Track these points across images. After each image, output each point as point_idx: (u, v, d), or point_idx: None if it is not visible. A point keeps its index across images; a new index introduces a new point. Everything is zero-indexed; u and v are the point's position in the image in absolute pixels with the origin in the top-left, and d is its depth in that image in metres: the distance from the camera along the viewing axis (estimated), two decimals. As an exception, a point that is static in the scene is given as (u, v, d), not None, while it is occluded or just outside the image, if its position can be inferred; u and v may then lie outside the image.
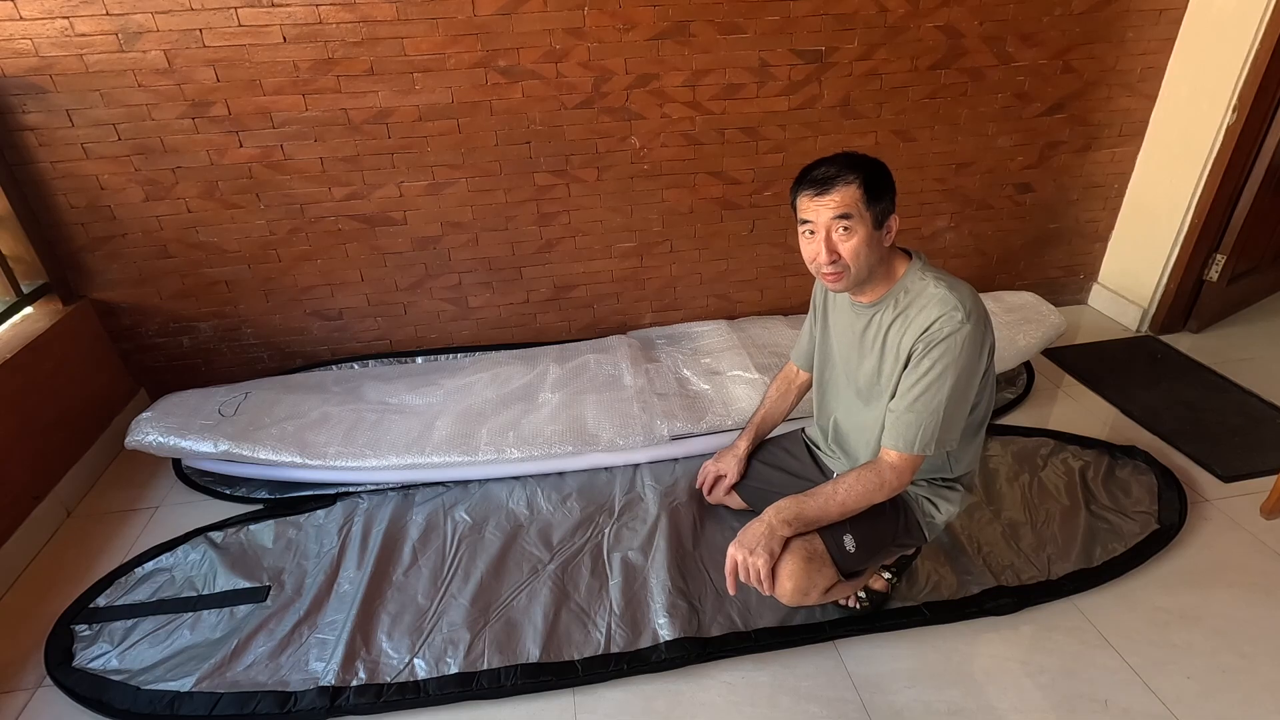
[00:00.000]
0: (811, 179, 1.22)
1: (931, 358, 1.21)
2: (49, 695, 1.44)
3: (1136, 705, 1.34)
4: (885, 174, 1.23)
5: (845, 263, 1.23)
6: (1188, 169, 2.43)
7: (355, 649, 1.47)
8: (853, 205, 1.19)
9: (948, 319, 1.20)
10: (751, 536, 1.28)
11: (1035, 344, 2.25)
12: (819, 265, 1.25)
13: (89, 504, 2.00)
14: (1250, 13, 2.16)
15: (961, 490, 1.44)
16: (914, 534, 1.42)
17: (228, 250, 2.26)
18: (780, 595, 1.30)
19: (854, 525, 1.33)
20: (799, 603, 1.32)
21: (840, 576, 1.35)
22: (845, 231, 1.21)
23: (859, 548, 1.33)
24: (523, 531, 1.78)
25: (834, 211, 1.20)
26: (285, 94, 2.06)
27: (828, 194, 1.20)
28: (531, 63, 2.12)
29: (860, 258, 1.22)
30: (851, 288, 1.29)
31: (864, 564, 1.38)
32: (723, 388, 2.11)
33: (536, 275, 2.49)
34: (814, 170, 1.23)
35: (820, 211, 1.21)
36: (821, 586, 1.31)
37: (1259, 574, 1.61)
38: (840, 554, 1.32)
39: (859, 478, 1.29)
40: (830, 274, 1.25)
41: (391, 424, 2.00)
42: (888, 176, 1.23)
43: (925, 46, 2.29)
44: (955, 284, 1.25)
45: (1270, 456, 1.97)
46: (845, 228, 1.20)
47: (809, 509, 1.29)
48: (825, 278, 1.26)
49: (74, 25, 1.89)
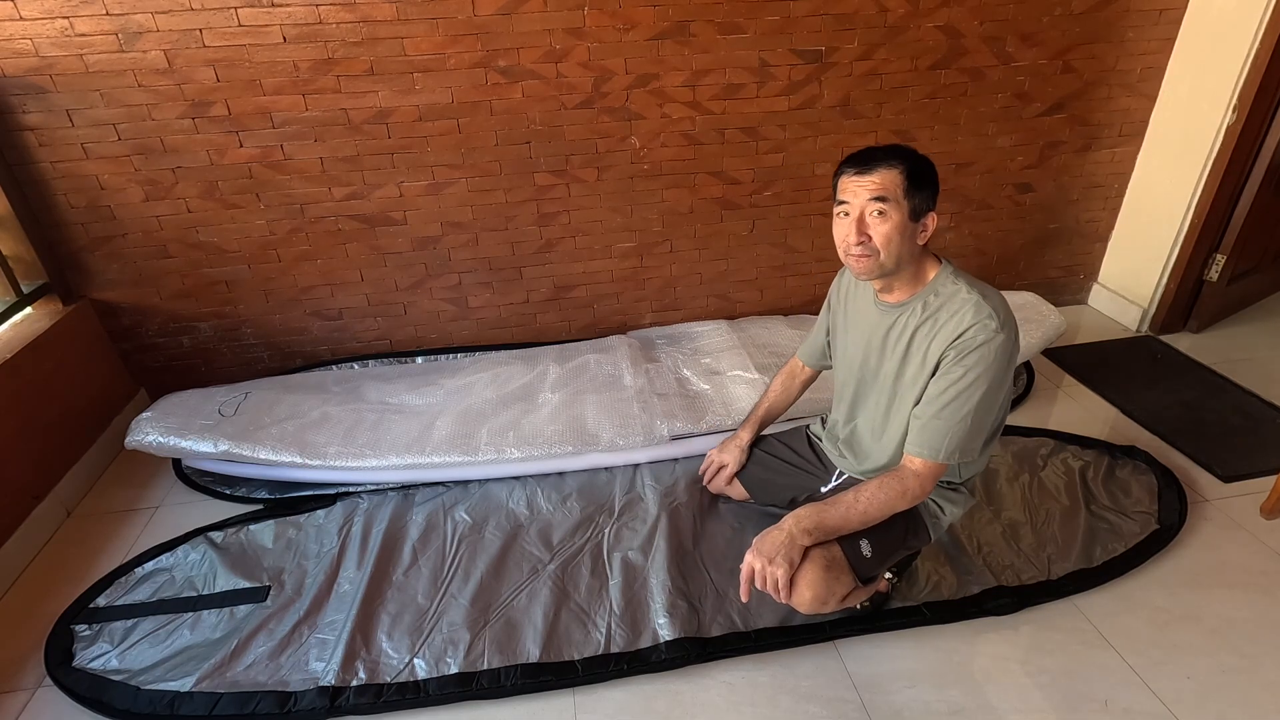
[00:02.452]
0: (856, 158, 1.22)
1: (964, 365, 1.20)
2: (49, 695, 1.44)
3: (1136, 705, 1.34)
4: (931, 169, 1.23)
5: (875, 246, 1.21)
6: (1188, 169, 2.43)
7: (355, 649, 1.46)
8: (891, 189, 1.19)
9: (981, 327, 1.19)
10: (771, 545, 1.25)
11: (1035, 344, 2.25)
12: (848, 246, 1.23)
13: (89, 504, 2.00)
14: (1250, 13, 2.16)
15: (965, 493, 1.45)
16: (920, 535, 1.42)
17: (228, 250, 2.26)
18: (799, 604, 1.30)
19: (869, 530, 1.33)
20: (816, 611, 1.31)
21: (858, 583, 1.35)
22: (880, 215, 1.20)
23: (874, 553, 1.33)
24: (523, 531, 1.78)
25: (871, 192, 1.19)
26: (285, 94, 2.06)
27: (869, 174, 1.19)
28: (531, 63, 2.12)
29: (891, 244, 1.21)
30: (876, 276, 1.27)
31: (878, 569, 1.39)
32: (723, 388, 2.11)
33: (536, 275, 2.49)
34: (861, 152, 1.23)
35: (858, 192, 1.21)
36: (840, 594, 1.31)
37: (1259, 574, 1.61)
38: (858, 560, 1.32)
39: (881, 486, 1.27)
40: (858, 254, 1.23)
41: (391, 424, 2.00)
42: (933, 172, 1.23)
43: (925, 46, 2.29)
44: (988, 292, 1.24)
45: (1270, 456, 1.97)
46: (880, 211, 1.19)
47: (830, 518, 1.27)
48: (851, 260, 1.25)
49: (74, 25, 1.89)
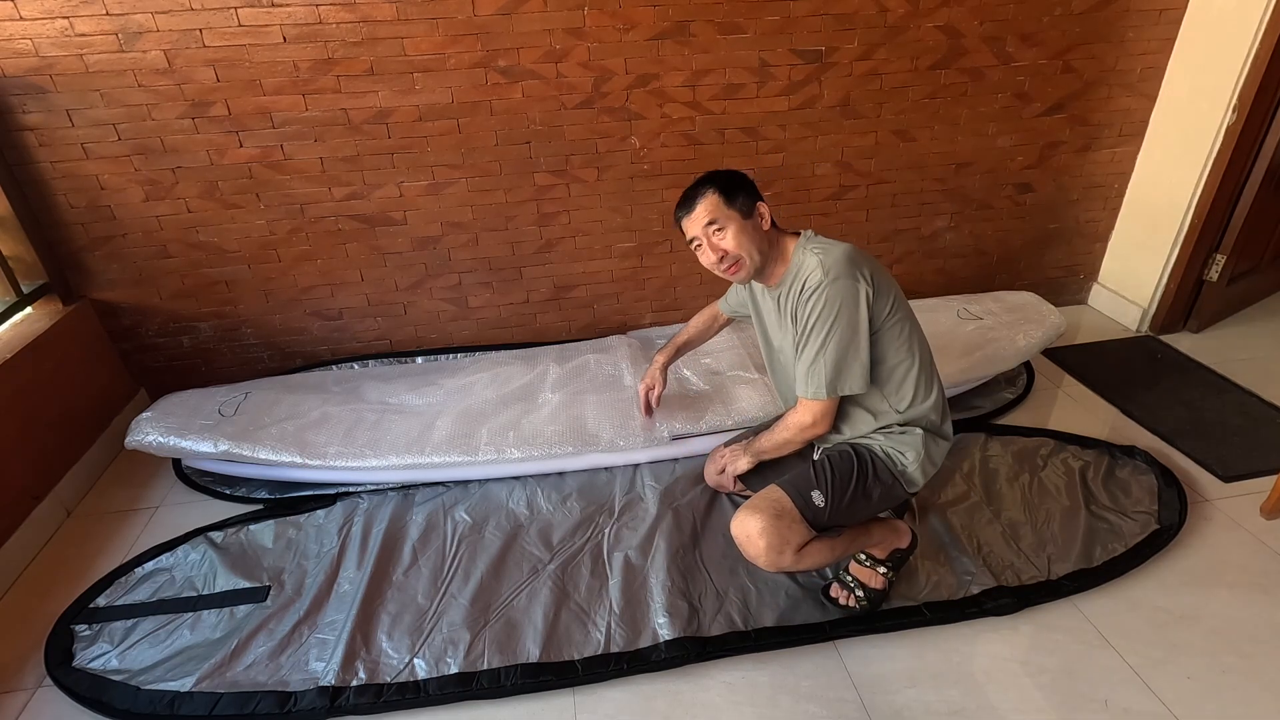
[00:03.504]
0: (680, 203, 1.45)
1: (804, 313, 1.39)
2: (49, 695, 1.44)
3: (1136, 705, 1.34)
4: (735, 176, 1.43)
5: (733, 254, 1.41)
6: (1188, 169, 2.43)
7: (355, 649, 1.47)
8: (715, 209, 1.40)
9: (811, 276, 1.37)
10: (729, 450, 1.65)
11: (1035, 344, 2.24)
12: (716, 266, 1.43)
13: (89, 504, 2.00)
14: (1250, 13, 2.16)
15: (921, 433, 1.47)
16: (888, 484, 1.47)
17: (228, 250, 2.26)
18: (755, 557, 1.37)
19: (819, 479, 1.43)
20: (776, 563, 1.37)
21: (812, 532, 1.40)
22: (719, 232, 1.41)
23: (829, 502, 1.41)
24: (523, 531, 1.78)
25: (704, 220, 1.41)
26: (285, 94, 2.06)
27: (694, 209, 1.42)
28: (531, 63, 2.12)
29: (742, 245, 1.41)
30: (754, 274, 1.46)
31: (840, 518, 1.44)
32: (723, 388, 2.11)
33: (536, 275, 2.49)
34: (682, 197, 1.45)
35: (695, 225, 1.43)
36: (795, 543, 1.37)
37: (1259, 574, 1.61)
38: (808, 508, 1.40)
39: (784, 423, 1.51)
40: (729, 268, 1.43)
41: (391, 424, 2.00)
42: (738, 177, 1.43)
43: (925, 46, 2.29)
44: (828, 247, 1.39)
45: (1270, 456, 1.97)
46: (717, 229, 1.41)
47: (757, 442, 1.57)
48: (728, 274, 1.45)
49: (74, 25, 1.89)
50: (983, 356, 2.16)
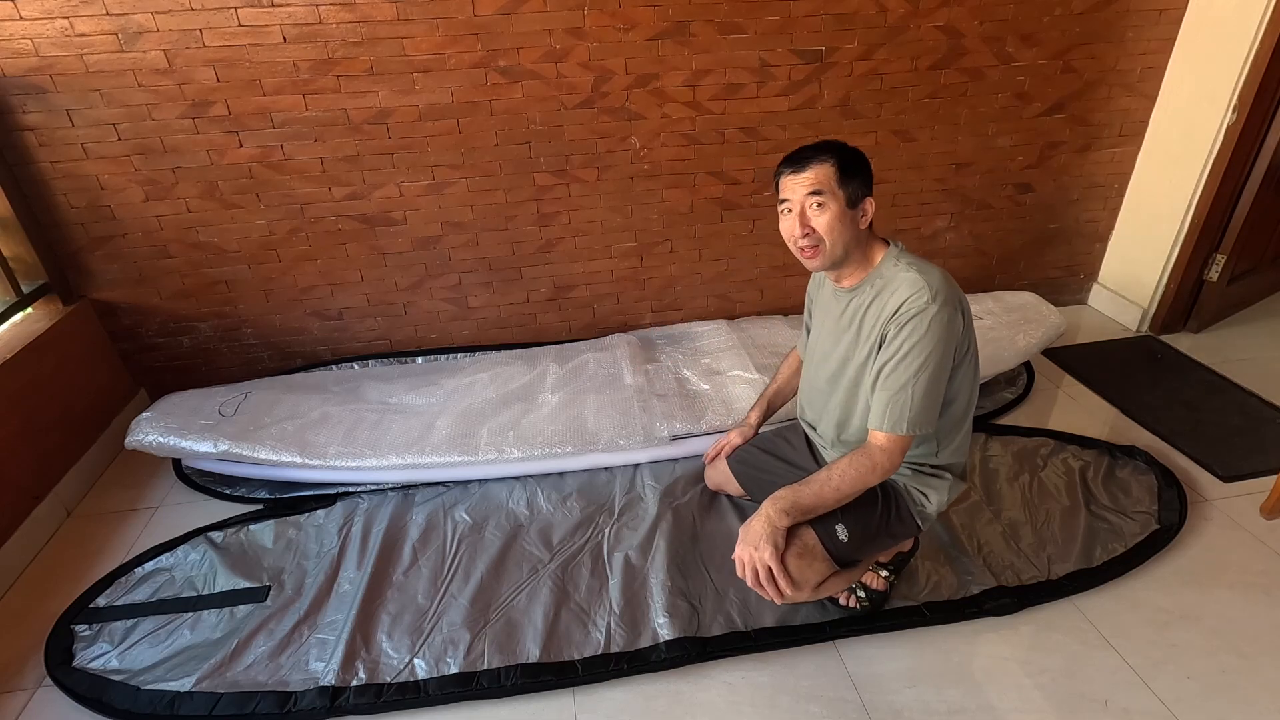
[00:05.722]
0: (791, 158, 1.32)
1: (900, 337, 1.25)
2: (49, 695, 1.44)
3: (1136, 705, 1.34)
4: (860, 158, 1.30)
5: (819, 236, 1.29)
6: (1188, 169, 2.43)
7: (355, 649, 1.47)
8: (825, 182, 1.27)
9: (915, 299, 1.24)
10: (754, 534, 1.28)
11: (1035, 344, 2.25)
12: (795, 239, 1.31)
13: (89, 504, 2.00)
14: (1250, 13, 2.16)
15: (950, 479, 1.44)
16: (907, 524, 1.42)
17: (228, 250, 2.26)
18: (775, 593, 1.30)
19: (845, 514, 1.34)
20: (794, 598, 1.31)
21: (835, 566, 1.36)
22: (819, 207, 1.28)
23: (852, 537, 1.35)
24: (523, 531, 1.78)
25: (807, 188, 1.27)
26: (285, 94, 2.06)
27: (803, 171, 1.28)
28: (531, 63, 2.12)
29: (834, 233, 1.28)
30: (828, 265, 1.34)
31: (859, 554, 1.39)
32: (723, 388, 2.11)
33: (536, 275, 2.49)
34: (795, 152, 1.32)
35: (796, 189, 1.29)
36: (814, 581, 1.32)
37: (1259, 574, 1.61)
38: (834, 544, 1.33)
39: (851, 462, 1.30)
40: (806, 247, 1.31)
41: (391, 424, 2.00)
42: (863, 160, 1.30)
43: (925, 46, 2.29)
44: (926, 268, 1.28)
45: (1270, 456, 1.97)
46: (819, 203, 1.27)
47: (804, 497, 1.30)
48: (802, 253, 1.32)
49: (74, 25, 1.89)
50: (983, 357, 2.16)
